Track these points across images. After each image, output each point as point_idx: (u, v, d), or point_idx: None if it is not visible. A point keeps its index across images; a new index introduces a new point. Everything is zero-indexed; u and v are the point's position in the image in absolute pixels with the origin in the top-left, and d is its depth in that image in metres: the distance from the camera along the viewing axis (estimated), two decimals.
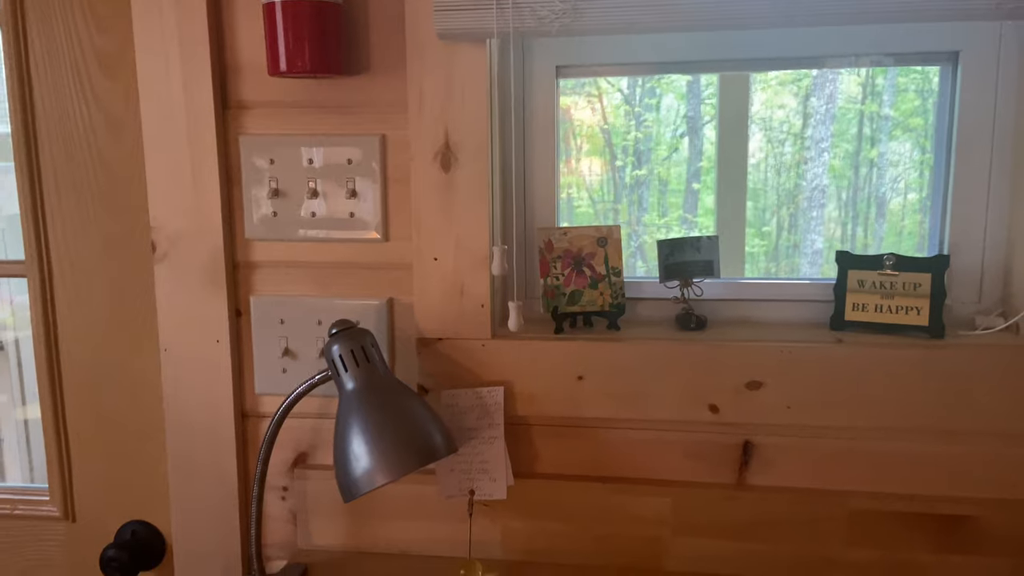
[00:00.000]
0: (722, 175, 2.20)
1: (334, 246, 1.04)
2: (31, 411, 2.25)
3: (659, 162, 6.67)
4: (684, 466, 1.01)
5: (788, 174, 6.43)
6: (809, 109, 3.34)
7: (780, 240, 6.40)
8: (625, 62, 1.08)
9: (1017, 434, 0.93)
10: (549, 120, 1.08)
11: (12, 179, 2.35)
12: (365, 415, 0.89)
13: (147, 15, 0.99)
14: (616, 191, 7.01)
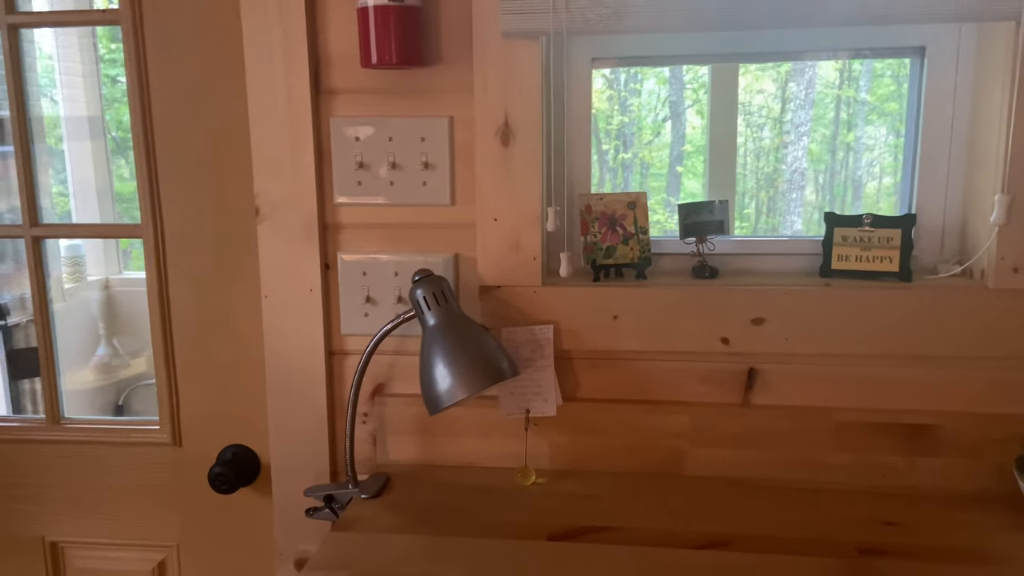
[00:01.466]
0: (712, 158, 2.43)
1: (409, 210, 1.24)
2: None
3: (642, 146, 7.02)
4: (699, 389, 1.22)
5: (768, 158, 6.75)
6: (788, 94, 3.57)
7: (760, 223, 6.69)
8: (648, 55, 1.28)
9: (970, 357, 1.15)
10: (585, 103, 1.28)
11: (87, 150, 2.56)
12: (446, 344, 1.10)
13: (254, 15, 1.18)
14: (601, 174, 7.30)
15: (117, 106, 3.34)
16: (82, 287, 2.89)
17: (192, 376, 1.33)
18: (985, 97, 1.16)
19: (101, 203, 2.83)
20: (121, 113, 3.84)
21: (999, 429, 1.14)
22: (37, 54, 2.36)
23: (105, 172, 2.82)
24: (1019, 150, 1.08)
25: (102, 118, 2.77)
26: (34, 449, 1.38)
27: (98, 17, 1.36)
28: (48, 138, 2.62)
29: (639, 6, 1.08)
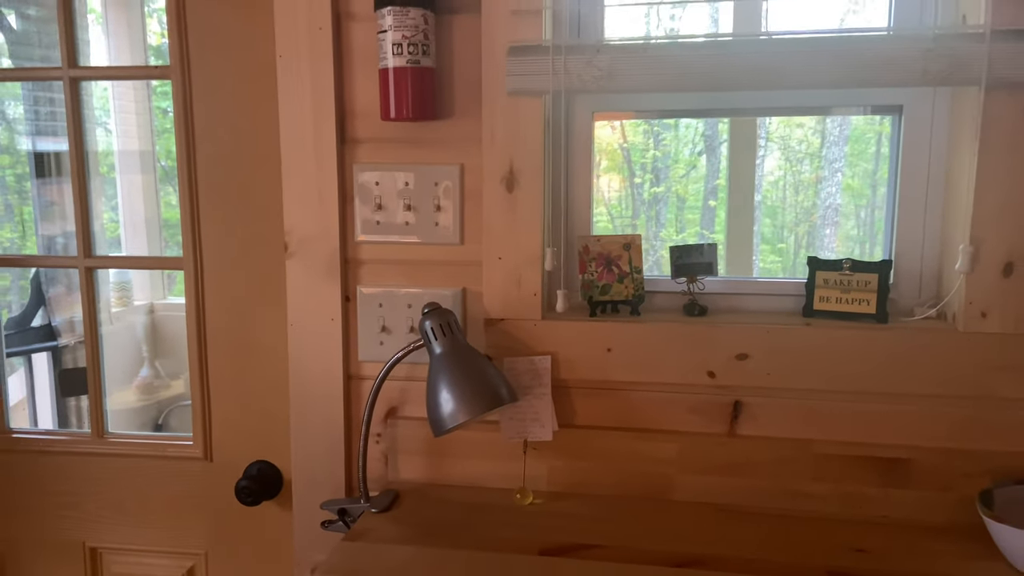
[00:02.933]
0: (732, 199, 2.53)
1: (422, 247, 1.36)
2: None
3: (677, 179, 7.07)
4: (688, 419, 1.31)
5: (807, 192, 6.78)
6: (825, 129, 3.65)
7: (798, 258, 6.69)
8: (646, 109, 1.40)
9: (942, 395, 1.22)
10: (587, 153, 1.40)
11: (137, 182, 2.74)
12: (450, 372, 1.20)
13: (288, 73, 1.32)
14: (634, 207, 7.42)
15: (166, 135, 3.54)
16: (128, 311, 3.08)
17: (223, 397, 1.46)
18: (956, 154, 1.24)
19: (149, 231, 3.02)
20: (170, 143, 4.05)
21: (968, 464, 1.21)
22: (93, 86, 2.56)
23: (154, 202, 3.01)
24: (982, 205, 1.16)
25: (153, 152, 2.96)
26: (80, 461, 1.52)
27: (151, 72, 1.52)
28: (101, 166, 2.82)
29: (629, 69, 1.19)
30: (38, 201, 2.58)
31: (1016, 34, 1.11)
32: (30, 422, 2.69)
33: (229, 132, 1.38)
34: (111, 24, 2.66)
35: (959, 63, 1.11)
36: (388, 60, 1.23)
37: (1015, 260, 1.17)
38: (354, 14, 1.31)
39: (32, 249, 2.58)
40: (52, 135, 2.53)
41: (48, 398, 2.85)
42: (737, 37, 1.25)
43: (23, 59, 2.66)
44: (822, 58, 1.16)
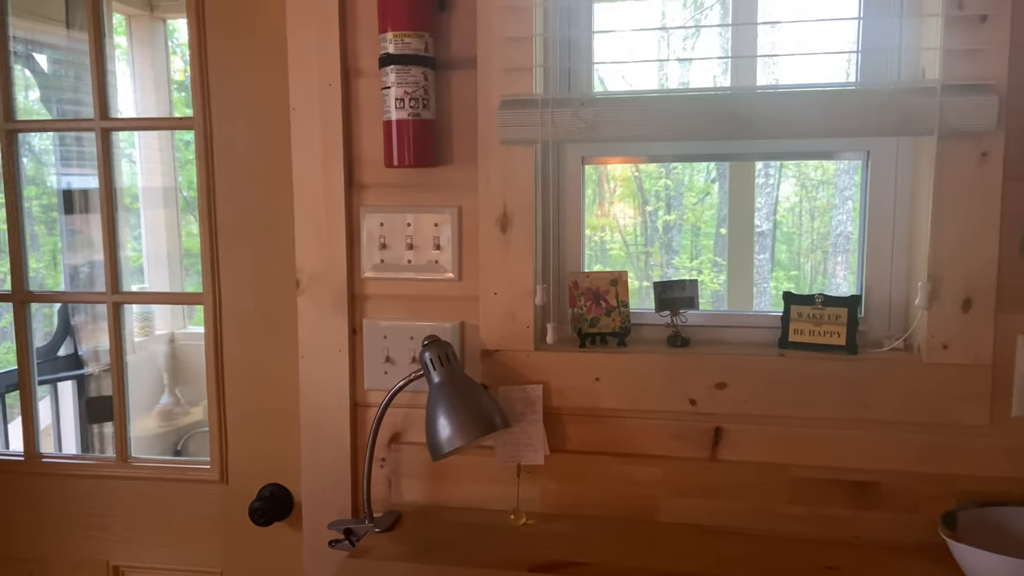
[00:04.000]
0: (732, 230, 2.62)
1: (423, 283, 1.46)
2: None
3: (690, 207, 7.25)
4: (672, 445, 1.40)
5: (822, 218, 6.89)
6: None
7: (815, 284, 6.76)
8: (634, 155, 1.50)
9: (908, 422, 1.30)
10: (576, 196, 1.50)
11: (160, 216, 2.87)
12: (448, 399, 1.30)
13: (301, 124, 1.44)
14: (647, 234, 7.60)
15: (189, 165, 3.66)
16: (150, 340, 3.20)
17: (239, 423, 1.56)
18: (918, 197, 1.33)
19: (171, 261, 3.15)
20: (192, 174, 4.19)
21: (933, 487, 1.29)
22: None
23: (175, 233, 3.15)
24: (939, 245, 1.25)
25: (175, 186, 3.10)
26: (105, 484, 1.62)
27: (176, 124, 1.65)
28: (124, 198, 2.96)
29: (610, 121, 1.30)
30: (64, 233, 2.72)
31: (966, 88, 1.21)
32: (55, 447, 2.82)
33: (246, 177, 1.50)
34: (136, 63, 2.82)
35: (912, 115, 1.21)
36: (392, 113, 1.35)
37: (973, 296, 1.26)
38: (361, 71, 1.43)
39: (57, 278, 2.72)
40: (78, 166, 2.67)
41: (72, 424, 2.97)
42: (712, 90, 1.35)
43: (52, 101, 2.82)
44: (791, 109, 1.26)
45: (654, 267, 8.01)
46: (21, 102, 2.76)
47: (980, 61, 1.21)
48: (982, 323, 1.26)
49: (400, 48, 1.32)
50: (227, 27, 1.47)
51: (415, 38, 1.33)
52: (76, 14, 2.68)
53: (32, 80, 3.06)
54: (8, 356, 4.76)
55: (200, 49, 1.48)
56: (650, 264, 8.03)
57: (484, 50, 1.37)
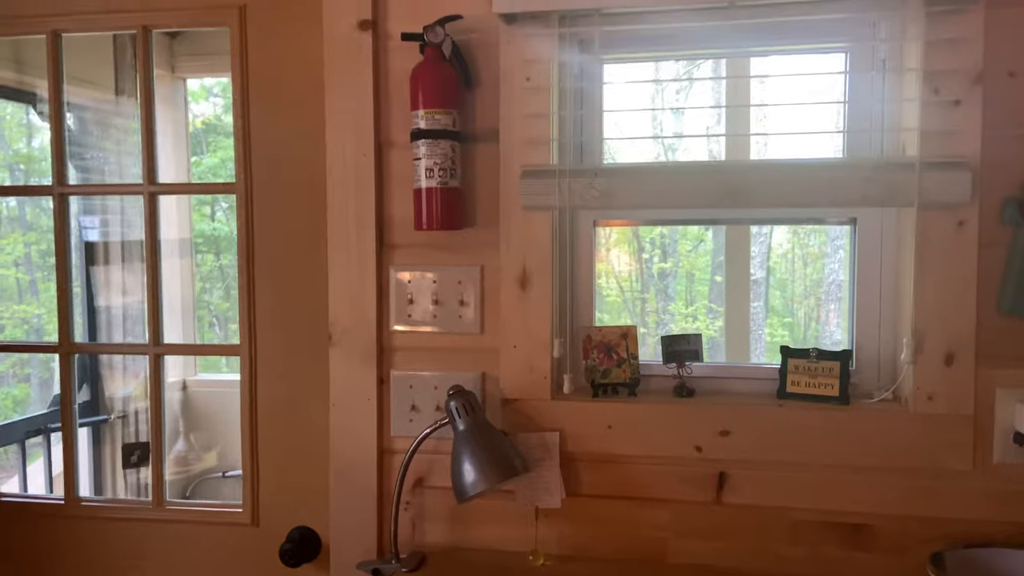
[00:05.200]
0: (729, 280, 2.75)
1: (447, 337, 1.57)
2: None
3: (685, 254, 7.45)
4: (679, 489, 1.50)
5: (815, 265, 7.05)
6: None
7: (808, 332, 6.88)
8: (641, 220, 1.63)
9: (898, 468, 1.41)
10: (589, 256, 1.62)
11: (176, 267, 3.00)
12: (472, 446, 1.40)
13: (337, 191, 1.56)
14: (644, 280, 7.78)
15: (202, 219, 3.77)
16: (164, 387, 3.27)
17: (270, 468, 1.66)
18: (902, 260, 1.46)
19: (184, 311, 3.24)
20: (202, 225, 4.35)
21: (923, 529, 1.39)
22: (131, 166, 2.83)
23: (189, 285, 3.26)
24: (921, 305, 1.38)
25: (190, 240, 3.22)
26: (142, 527, 1.70)
27: (219, 188, 1.78)
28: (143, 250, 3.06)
29: (621, 190, 1.43)
30: (85, 282, 2.83)
31: (943, 165, 1.35)
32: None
33: (283, 237, 1.62)
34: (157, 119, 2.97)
35: (894, 188, 1.34)
36: (422, 182, 1.48)
37: (954, 351, 1.38)
38: (393, 143, 1.56)
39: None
40: (100, 213, 2.79)
41: (87, 469, 3.04)
42: (711, 163, 1.49)
43: (76, 157, 2.95)
44: (784, 181, 1.39)
45: (650, 313, 8.06)
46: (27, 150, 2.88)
47: (955, 140, 1.36)
48: (963, 376, 1.37)
49: (430, 124, 1.46)
50: (268, 101, 1.61)
51: (444, 115, 1.47)
52: (100, 72, 2.84)
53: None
54: (23, 402, 4.82)
55: (244, 121, 1.61)
56: (646, 310, 8.09)
57: (506, 125, 1.51)
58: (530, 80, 1.49)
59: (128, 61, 2.89)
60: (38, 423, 3.00)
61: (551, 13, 1.44)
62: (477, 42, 1.51)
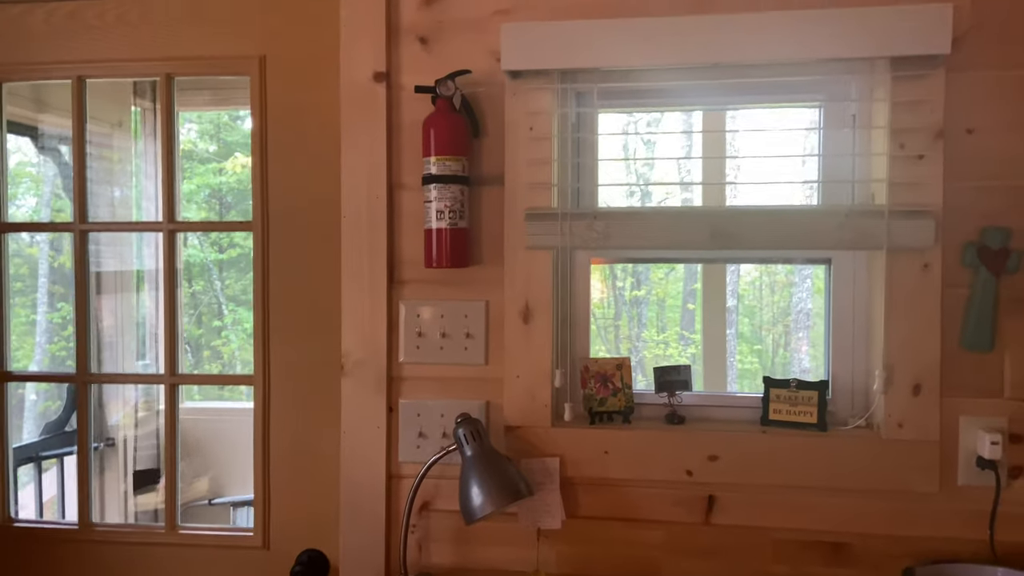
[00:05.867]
0: (706, 311, 2.89)
1: (453, 367, 1.67)
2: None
3: (657, 281, 7.62)
4: (671, 511, 1.60)
5: (782, 292, 7.24)
6: None
7: (776, 358, 7.03)
8: (632, 258, 1.75)
9: (872, 490, 1.53)
10: (585, 292, 1.73)
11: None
12: (479, 470, 1.50)
13: (351, 230, 1.66)
14: (617, 307, 7.93)
15: (191, 248, 3.79)
16: (152, 416, 3.33)
17: (282, 493, 1.73)
18: (873, 297, 1.60)
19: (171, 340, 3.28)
20: (193, 254, 4.36)
21: (895, 547, 1.51)
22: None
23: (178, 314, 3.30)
24: (891, 340, 1.51)
25: (180, 270, 3.28)
26: (154, 551, 1.76)
27: (236, 226, 1.87)
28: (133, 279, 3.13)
29: (619, 232, 1.56)
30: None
31: (909, 213, 1.49)
32: (58, 515, 2.92)
33: (298, 273, 1.72)
34: (147, 151, 3.05)
35: (865, 234, 1.48)
36: (432, 223, 1.59)
37: (921, 382, 1.51)
38: (404, 185, 1.67)
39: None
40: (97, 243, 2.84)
41: (75, 494, 3.06)
42: (701, 209, 1.62)
43: (71, 189, 3.01)
44: (765, 226, 1.53)
45: (623, 340, 8.18)
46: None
47: (919, 190, 1.50)
48: (930, 405, 1.51)
49: (441, 169, 1.57)
50: (286, 145, 1.71)
51: (454, 161, 1.58)
52: (98, 105, 2.91)
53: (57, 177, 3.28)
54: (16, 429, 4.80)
55: (262, 162, 1.71)
56: (619, 336, 8.20)
57: (511, 170, 1.63)
58: (533, 130, 1.61)
59: (126, 95, 2.98)
60: (30, 451, 3.03)
61: (553, 70, 1.57)
62: (485, 95, 1.63)
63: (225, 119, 6.99)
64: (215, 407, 3.80)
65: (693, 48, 1.50)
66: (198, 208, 7.31)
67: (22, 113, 2.65)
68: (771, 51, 1.47)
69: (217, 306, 7.32)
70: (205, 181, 7.26)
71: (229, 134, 7.39)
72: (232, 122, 7.14)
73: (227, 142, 7.45)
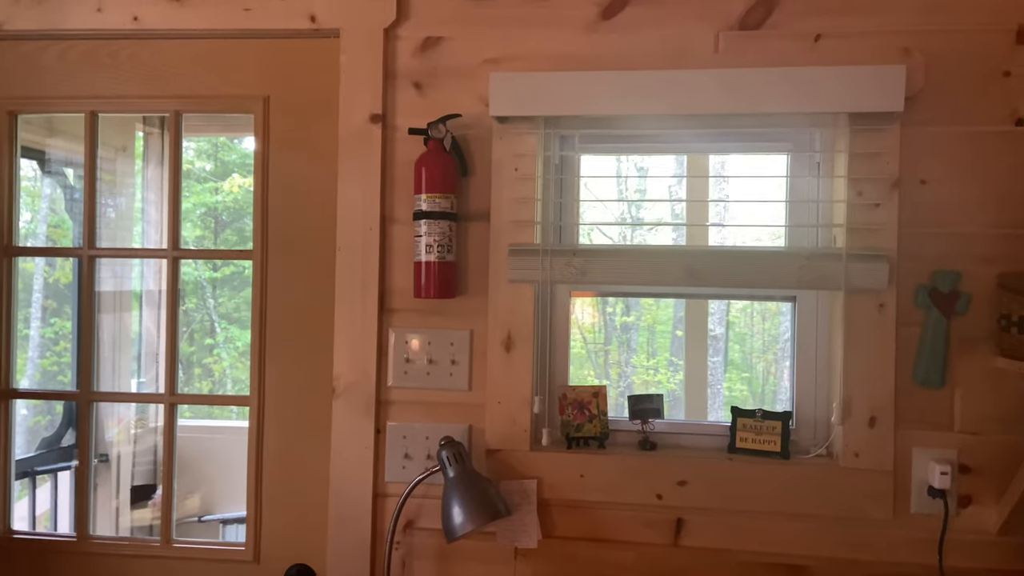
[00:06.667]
0: (689, 340, 2.98)
1: (439, 392, 1.77)
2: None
3: (647, 307, 7.74)
4: (642, 532, 1.69)
5: (772, 320, 7.37)
6: None
7: (766, 384, 7.12)
8: (609, 291, 1.86)
9: (831, 516, 1.62)
10: (565, 323, 1.84)
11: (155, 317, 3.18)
12: (460, 491, 1.59)
13: (345, 260, 1.76)
14: (607, 333, 8.05)
15: (186, 267, 3.87)
16: (146, 432, 3.41)
17: (273, 509, 1.82)
18: (834, 334, 1.70)
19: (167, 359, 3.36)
20: (190, 271, 4.43)
21: (852, 570, 1.60)
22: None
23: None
24: (848, 374, 1.62)
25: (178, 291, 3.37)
26: (150, 563, 1.84)
27: (237, 254, 1.96)
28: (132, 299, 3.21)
29: (595, 268, 1.66)
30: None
31: (865, 256, 1.60)
32: (52, 527, 2.99)
33: (294, 300, 1.81)
34: (148, 176, 3.16)
35: (824, 275, 1.59)
36: (422, 256, 1.69)
37: (876, 415, 1.61)
38: (397, 219, 1.78)
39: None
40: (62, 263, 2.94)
41: (68, 508, 3.14)
42: (673, 248, 1.73)
43: (75, 212, 3.12)
44: (732, 265, 1.63)
45: (612, 365, 8.22)
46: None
47: (876, 236, 1.61)
48: (884, 437, 1.61)
49: (431, 206, 1.68)
50: (286, 179, 1.82)
51: (443, 199, 1.69)
52: (110, 131, 3.02)
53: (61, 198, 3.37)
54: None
55: (263, 193, 1.82)
56: (609, 362, 8.26)
57: (496, 208, 1.73)
58: (518, 170, 1.72)
59: (131, 121, 3.09)
60: (24, 465, 3.10)
61: (538, 116, 1.69)
62: (473, 136, 1.74)
63: (223, 139, 7.11)
64: (206, 425, 3.87)
65: (667, 100, 1.62)
66: (193, 226, 7.41)
67: (31, 138, 2.75)
68: (739, 104, 1.59)
69: (210, 324, 7.40)
70: (202, 200, 7.37)
71: (226, 154, 7.52)
72: (229, 142, 7.26)
73: (224, 162, 7.57)
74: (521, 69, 1.71)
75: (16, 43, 1.88)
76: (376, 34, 1.75)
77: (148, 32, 1.82)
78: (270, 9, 1.77)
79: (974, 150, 1.60)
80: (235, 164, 7.45)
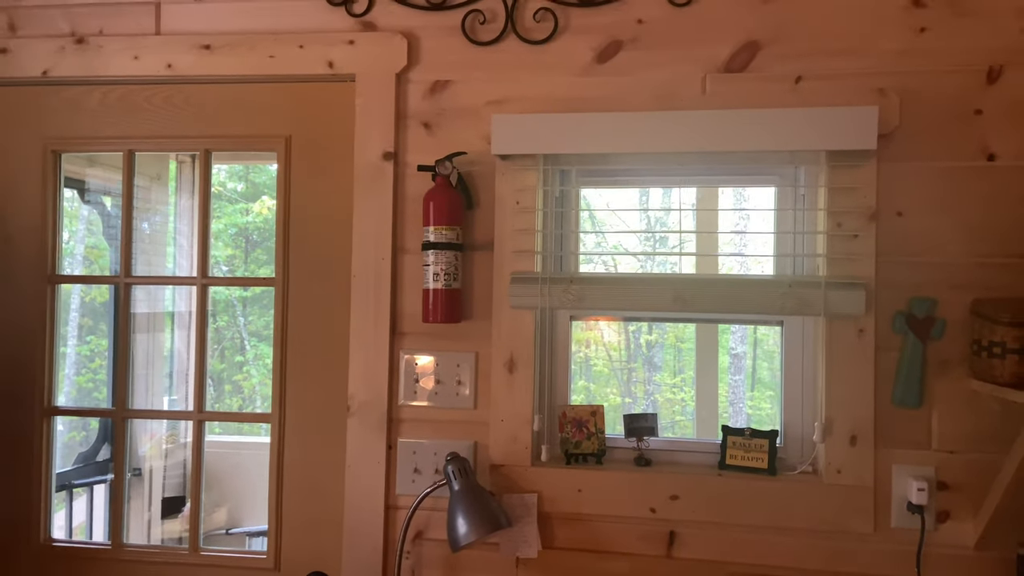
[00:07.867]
0: (699, 361, 3.09)
1: (446, 411, 1.89)
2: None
3: (671, 326, 7.79)
4: (637, 544, 1.79)
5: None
6: None
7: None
8: (609, 315, 1.97)
9: (815, 530, 1.71)
10: (565, 346, 1.95)
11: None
12: (465, 504, 1.71)
13: (360, 287, 1.90)
14: (631, 351, 8.13)
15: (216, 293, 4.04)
16: (177, 448, 3.57)
17: (292, 520, 1.95)
18: (818, 357, 1.80)
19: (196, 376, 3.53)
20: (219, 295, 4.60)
21: None
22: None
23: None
24: (830, 395, 1.71)
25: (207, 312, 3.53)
26: (179, 570, 1.98)
27: (261, 282, 2.11)
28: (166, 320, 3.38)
29: (591, 295, 1.78)
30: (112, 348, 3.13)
31: (844, 284, 1.70)
32: (87, 537, 3.15)
33: (313, 324, 1.95)
34: (180, 203, 3.34)
35: (806, 302, 1.69)
36: (430, 283, 1.82)
37: (857, 434, 1.70)
38: (407, 249, 1.91)
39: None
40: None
41: (102, 519, 3.31)
42: (666, 276, 1.84)
43: (113, 237, 3.30)
44: (718, 292, 1.74)
45: (637, 383, 8.28)
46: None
47: (854, 265, 1.71)
48: (865, 455, 1.70)
49: (439, 238, 1.81)
50: (306, 211, 1.96)
51: (450, 230, 1.82)
52: (145, 160, 3.21)
53: (99, 224, 3.57)
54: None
55: (284, 226, 1.96)
56: (633, 380, 8.31)
57: (499, 239, 1.86)
58: (519, 203, 1.85)
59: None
60: (62, 479, 3.27)
61: (537, 154, 1.81)
62: (478, 172, 1.88)
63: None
64: (234, 441, 4.03)
65: (658, 138, 1.73)
66: (224, 245, 7.65)
67: (72, 168, 2.94)
68: (724, 143, 1.70)
69: (240, 341, 7.60)
70: (233, 220, 7.61)
71: (257, 175, 7.75)
72: (260, 165, 7.51)
73: (255, 183, 7.81)
74: (522, 110, 1.84)
75: (60, 88, 2.06)
76: (389, 78, 1.89)
77: (181, 78, 1.98)
78: (292, 56, 1.93)
79: (948, 184, 1.69)
80: (265, 186, 7.69)
